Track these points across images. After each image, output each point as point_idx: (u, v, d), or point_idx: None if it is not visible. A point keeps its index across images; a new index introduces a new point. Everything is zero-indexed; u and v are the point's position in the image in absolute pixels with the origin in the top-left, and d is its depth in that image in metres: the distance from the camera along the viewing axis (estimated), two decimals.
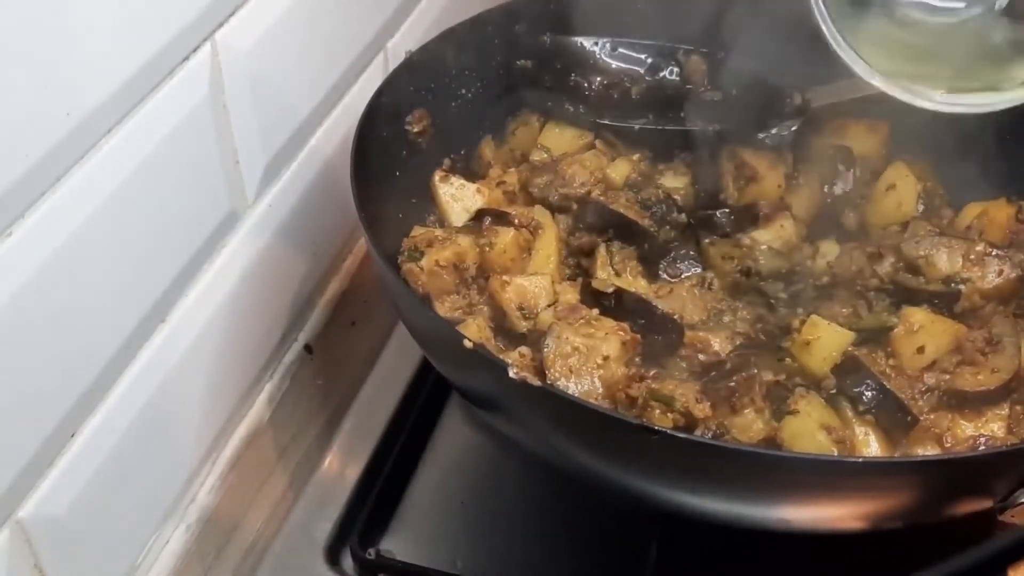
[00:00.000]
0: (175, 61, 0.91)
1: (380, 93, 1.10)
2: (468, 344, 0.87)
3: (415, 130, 1.17)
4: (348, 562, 1.05)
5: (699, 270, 1.13)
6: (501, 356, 0.97)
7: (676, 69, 1.29)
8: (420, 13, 1.38)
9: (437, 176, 1.18)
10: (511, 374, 0.82)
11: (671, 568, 1.02)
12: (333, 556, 1.06)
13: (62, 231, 0.80)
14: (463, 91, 1.23)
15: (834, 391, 0.98)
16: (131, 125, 0.86)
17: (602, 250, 1.12)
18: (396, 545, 1.06)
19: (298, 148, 1.16)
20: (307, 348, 1.26)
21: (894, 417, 0.96)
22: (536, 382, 0.83)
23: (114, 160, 0.85)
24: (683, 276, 1.13)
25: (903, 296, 1.06)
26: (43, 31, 0.74)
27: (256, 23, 1.01)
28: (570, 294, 1.07)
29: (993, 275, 1.05)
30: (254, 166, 1.07)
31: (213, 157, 1.00)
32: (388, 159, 1.12)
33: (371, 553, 1.04)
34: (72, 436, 0.86)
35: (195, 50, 0.93)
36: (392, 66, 1.23)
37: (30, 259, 0.78)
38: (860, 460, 0.90)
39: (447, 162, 1.21)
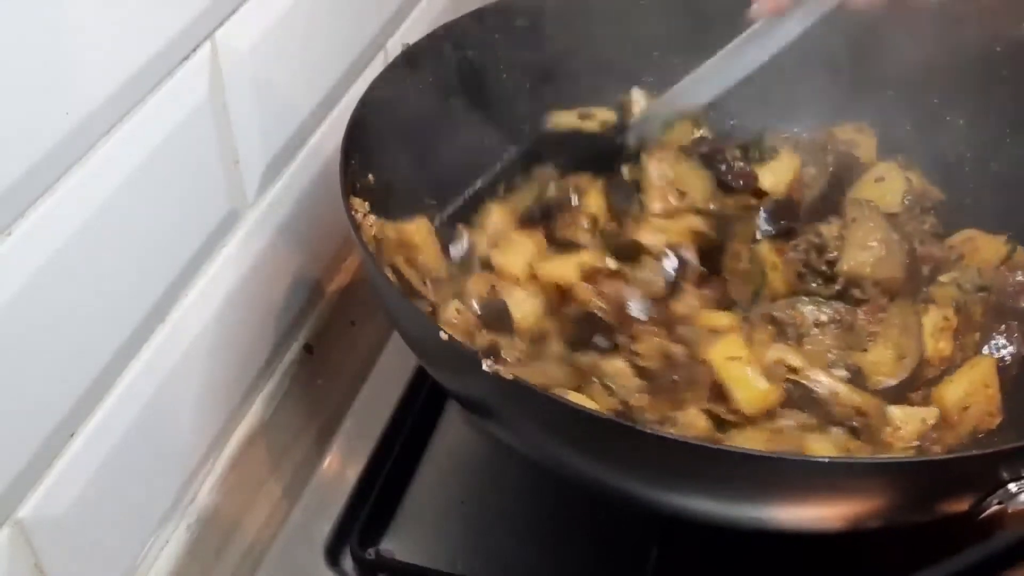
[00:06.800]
0: (175, 61, 0.91)
1: (372, 88, 1.08)
2: (444, 336, 0.85)
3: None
4: (348, 562, 1.05)
5: None
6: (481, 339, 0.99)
7: None
8: (420, 13, 1.38)
9: None
10: (484, 367, 0.81)
11: (671, 569, 1.02)
12: (333, 556, 1.05)
13: (62, 231, 0.80)
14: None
15: None
16: (131, 125, 0.86)
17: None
18: (396, 545, 1.06)
19: (298, 148, 1.16)
20: (307, 348, 1.26)
21: None
22: (508, 376, 0.81)
23: (114, 160, 0.84)
24: None
25: None
26: (42, 31, 0.74)
27: (256, 23, 1.01)
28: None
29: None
30: (254, 166, 1.07)
31: (213, 157, 1.00)
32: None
33: (371, 553, 1.04)
34: (72, 436, 0.86)
35: (195, 50, 0.93)
36: None
37: (30, 259, 0.78)
38: (826, 460, 0.87)
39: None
